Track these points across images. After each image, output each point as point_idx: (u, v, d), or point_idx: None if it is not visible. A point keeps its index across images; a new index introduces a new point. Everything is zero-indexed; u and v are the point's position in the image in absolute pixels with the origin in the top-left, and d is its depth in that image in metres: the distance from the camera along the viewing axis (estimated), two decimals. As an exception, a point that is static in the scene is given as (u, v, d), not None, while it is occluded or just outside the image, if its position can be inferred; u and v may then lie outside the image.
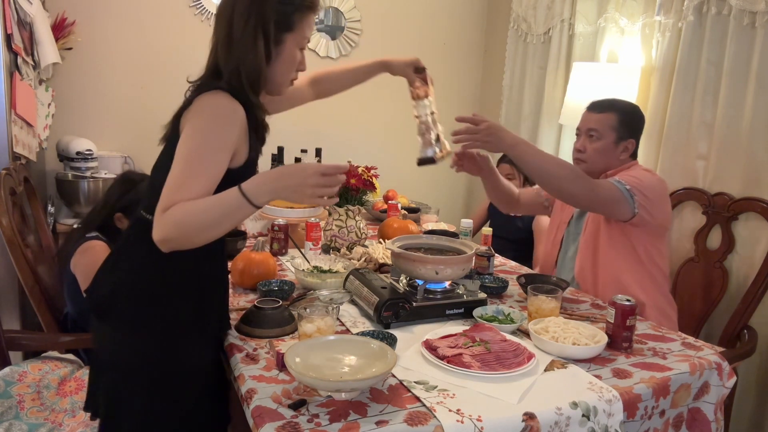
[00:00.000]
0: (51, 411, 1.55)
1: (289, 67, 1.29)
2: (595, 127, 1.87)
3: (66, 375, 1.63)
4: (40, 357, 1.70)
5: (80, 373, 1.66)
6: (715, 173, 2.23)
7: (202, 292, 1.30)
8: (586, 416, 1.14)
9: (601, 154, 1.87)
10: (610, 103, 1.91)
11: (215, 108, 1.17)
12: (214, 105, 1.17)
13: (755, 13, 2.07)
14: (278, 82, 1.30)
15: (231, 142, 1.16)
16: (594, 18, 2.82)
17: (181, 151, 1.14)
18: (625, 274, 1.81)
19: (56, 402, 1.57)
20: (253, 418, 1.06)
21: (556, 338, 1.37)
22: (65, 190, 2.59)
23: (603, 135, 1.87)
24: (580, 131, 1.93)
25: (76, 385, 1.62)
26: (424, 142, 1.73)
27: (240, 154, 1.22)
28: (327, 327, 1.30)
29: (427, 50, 3.59)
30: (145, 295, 1.24)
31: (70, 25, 2.73)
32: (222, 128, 1.15)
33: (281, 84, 1.31)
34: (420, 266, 1.54)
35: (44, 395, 1.57)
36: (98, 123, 2.92)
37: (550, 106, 3.08)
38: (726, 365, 1.39)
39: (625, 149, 1.87)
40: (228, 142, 1.16)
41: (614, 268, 1.82)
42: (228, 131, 1.16)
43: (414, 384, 1.18)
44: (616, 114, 1.87)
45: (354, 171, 2.11)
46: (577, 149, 1.93)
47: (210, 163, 1.13)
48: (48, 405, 1.56)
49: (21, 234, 1.81)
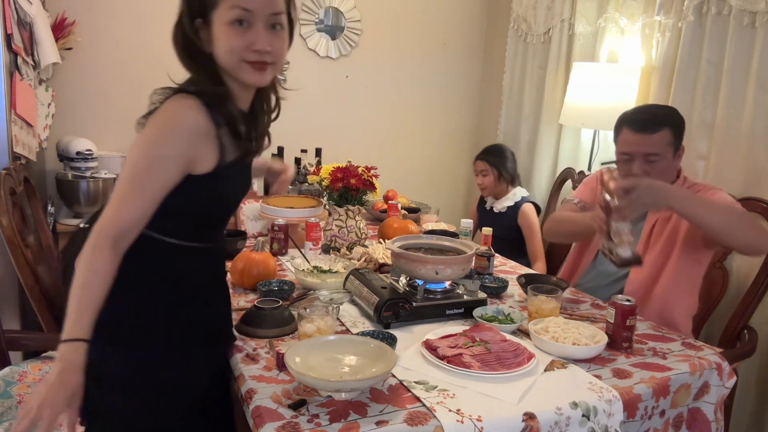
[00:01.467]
0: None
1: (225, 46, 1.13)
2: (655, 151, 1.72)
3: None
4: (40, 357, 1.70)
5: None
6: (715, 173, 2.22)
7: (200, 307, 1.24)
8: (586, 416, 1.14)
9: (665, 173, 1.75)
10: (656, 116, 1.76)
11: (164, 117, 1.11)
12: (164, 113, 1.11)
13: (755, 13, 2.07)
14: (228, 68, 1.15)
15: (179, 151, 1.09)
16: (594, 18, 2.82)
17: (126, 165, 1.10)
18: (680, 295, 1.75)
19: None
20: (253, 419, 1.06)
21: (556, 338, 1.37)
22: (65, 190, 2.58)
23: (664, 155, 1.73)
24: (633, 156, 1.75)
25: None
26: (619, 241, 1.48)
27: (204, 161, 1.13)
28: (327, 327, 1.30)
29: (427, 50, 3.59)
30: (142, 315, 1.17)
31: (70, 25, 2.73)
32: (168, 138, 1.09)
33: (231, 69, 1.15)
34: (420, 266, 1.53)
35: None
36: (98, 123, 2.91)
37: (550, 106, 3.08)
38: (726, 365, 1.39)
39: (679, 157, 1.79)
40: (175, 152, 1.09)
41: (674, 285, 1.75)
42: (175, 141, 1.09)
43: (414, 384, 1.18)
44: (669, 129, 1.73)
45: (354, 171, 2.11)
46: (636, 175, 1.73)
47: (151, 179, 1.08)
48: None
49: (21, 234, 1.81)
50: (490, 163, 2.75)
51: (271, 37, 1.16)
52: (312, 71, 3.32)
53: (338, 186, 2.09)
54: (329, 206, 2.21)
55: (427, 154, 3.75)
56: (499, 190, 2.78)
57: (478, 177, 2.80)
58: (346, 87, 3.45)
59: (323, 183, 2.14)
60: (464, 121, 3.81)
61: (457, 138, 3.80)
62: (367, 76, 3.48)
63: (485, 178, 2.77)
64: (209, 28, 1.15)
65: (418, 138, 3.69)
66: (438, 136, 3.74)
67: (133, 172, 1.09)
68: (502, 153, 2.79)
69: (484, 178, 2.78)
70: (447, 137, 3.77)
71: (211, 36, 1.15)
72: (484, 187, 2.81)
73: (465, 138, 3.83)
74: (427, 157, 3.75)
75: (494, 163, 2.74)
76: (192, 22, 1.15)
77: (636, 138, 1.74)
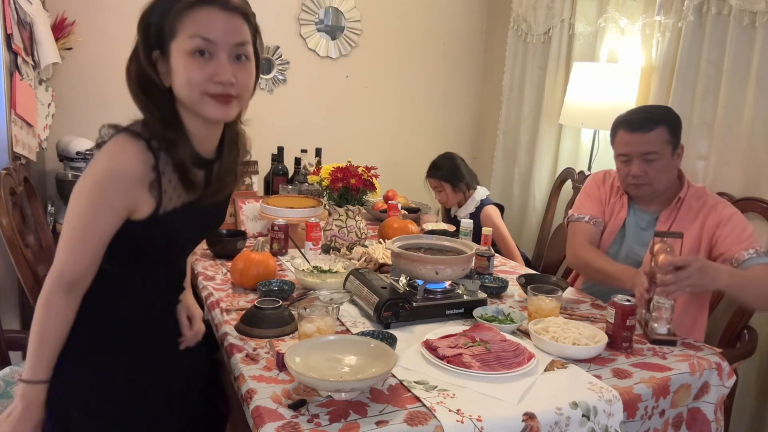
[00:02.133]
0: None
1: (183, 78, 1.06)
2: (652, 149, 1.72)
3: None
4: None
5: None
6: (715, 173, 2.22)
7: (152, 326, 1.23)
8: (586, 416, 1.14)
9: (664, 172, 1.76)
10: (651, 115, 1.78)
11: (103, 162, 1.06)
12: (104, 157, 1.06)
13: (755, 13, 2.07)
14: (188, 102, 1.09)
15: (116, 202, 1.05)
16: (594, 18, 2.82)
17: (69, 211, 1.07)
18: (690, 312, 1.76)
19: None
20: (253, 418, 1.06)
21: (556, 338, 1.37)
22: (65, 190, 2.58)
23: (662, 153, 1.73)
24: (631, 156, 1.76)
25: None
26: (658, 316, 1.48)
27: (143, 207, 1.08)
28: (327, 327, 1.30)
29: (427, 50, 3.59)
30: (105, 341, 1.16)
31: (70, 25, 2.73)
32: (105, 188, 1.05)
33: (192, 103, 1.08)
34: (420, 266, 1.53)
35: None
36: (98, 123, 2.84)
37: (550, 106, 3.08)
38: (726, 365, 1.39)
39: (678, 156, 1.79)
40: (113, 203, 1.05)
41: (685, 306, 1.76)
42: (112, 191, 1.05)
43: (414, 384, 1.18)
44: (665, 126, 1.73)
45: (354, 171, 2.11)
46: (636, 175, 1.76)
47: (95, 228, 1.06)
48: None
49: (21, 234, 1.81)
50: (440, 179, 2.71)
51: (236, 68, 1.08)
52: (312, 71, 3.32)
53: (338, 186, 2.09)
54: (329, 206, 2.21)
55: (427, 154, 3.72)
56: (459, 199, 2.73)
57: (435, 194, 2.78)
58: (346, 87, 3.45)
59: (323, 183, 2.14)
60: (464, 121, 3.81)
61: (458, 138, 3.80)
62: (367, 76, 3.48)
63: (440, 194, 2.74)
64: (167, 60, 1.07)
65: (418, 138, 3.69)
66: (438, 136, 3.74)
67: (77, 223, 1.06)
68: (451, 162, 2.73)
69: (440, 194, 2.74)
70: (447, 137, 3.77)
71: (170, 68, 1.07)
72: (443, 202, 2.79)
73: (465, 138, 3.83)
74: (427, 157, 3.72)
75: (444, 177, 2.69)
76: (149, 55, 1.08)
77: (632, 138, 1.75)
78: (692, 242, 1.74)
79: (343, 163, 2.18)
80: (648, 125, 1.73)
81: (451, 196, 2.71)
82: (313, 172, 2.31)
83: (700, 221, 1.76)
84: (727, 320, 2.01)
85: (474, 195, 2.70)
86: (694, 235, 1.75)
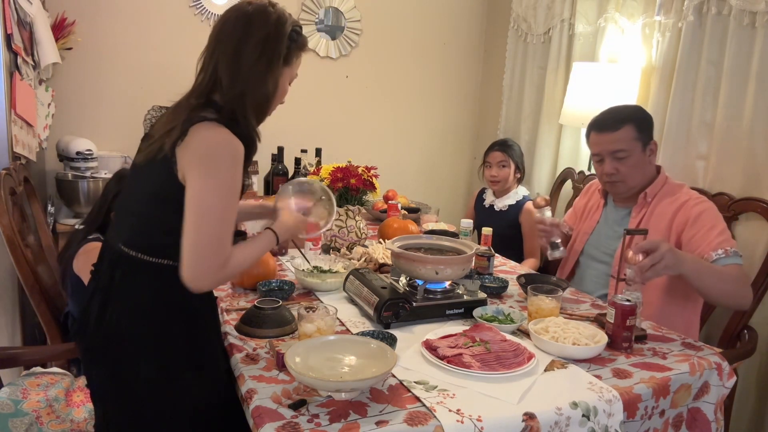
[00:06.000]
0: (70, 422, 1.53)
1: (280, 99, 1.31)
2: (620, 147, 1.79)
3: (68, 386, 1.61)
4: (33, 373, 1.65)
5: (80, 383, 1.64)
6: (715, 173, 2.22)
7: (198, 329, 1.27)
8: (586, 416, 1.14)
9: (637, 169, 1.82)
10: (618, 115, 1.84)
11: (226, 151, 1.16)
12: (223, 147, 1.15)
13: (755, 13, 2.07)
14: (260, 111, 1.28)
15: (240, 181, 1.20)
16: (594, 18, 2.82)
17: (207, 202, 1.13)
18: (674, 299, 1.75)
19: (70, 413, 1.54)
20: (253, 418, 1.06)
21: (556, 338, 1.37)
22: (65, 190, 2.58)
23: (631, 151, 1.80)
24: (602, 155, 1.84)
25: (84, 394, 1.60)
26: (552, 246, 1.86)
27: None
28: (327, 327, 1.30)
29: (427, 50, 3.59)
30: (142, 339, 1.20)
31: (70, 25, 2.73)
32: (235, 173, 1.17)
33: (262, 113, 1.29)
34: (420, 266, 1.53)
35: (56, 408, 1.54)
36: (98, 123, 2.91)
37: (550, 106, 3.08)
38: (726, 365, 1.39)
39: (651, 152, 1.84)
40: (239, 183, 1.19)
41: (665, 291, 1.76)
42: (238, 174, 1.18)
43: (414, 384, 1.18)
44: (632, 124, 1.80)
45: (354, 171, 2.11)
46: (609, 173, 1.84)
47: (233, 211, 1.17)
48: (64, 417, 1.53)
49: (21, 234, 1.81)
50: (509, 155, 2.72)
51: None
52: (312, 71, 3.32)
53: (338, 186, 2.09)
54: (329, 206, 2.20)
55: (427, 154, 3.75)
56: (508, 186, 2.75)
57: (493, 168, 2.73)
58: (346, 87, 3.45)
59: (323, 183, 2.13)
60: (464, 121, 3.81)
61: (458, 138, 3.80)
62: (367, 76, 3.48)
63: (503, 169, 2.71)
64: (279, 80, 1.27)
65: (418, 138, 3.69)
66: (438, 136, 3.74)
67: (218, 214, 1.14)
68: (519, 148, 2.80)
69: (502, 169, 2.71)
70: (447, 137, 3.77)
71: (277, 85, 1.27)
72: (498, 180, 2.74)
73: (465, 138, 3.83)
74: (427, 157, 3.75)
75: (514, 157, 2.73)
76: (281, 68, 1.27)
77: (600, 138, 1.84)
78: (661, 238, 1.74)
79: (343, 163, 2.18)
80: (614, 124, 1.81)
81: (509, 178, 2.73)
82: (313, 172, 2.31)
83: (669, 218, 1.78)
84: (727, 320, 2.02)
85: (518, 189, 2.76)
86: (662, 231, 1.77)
